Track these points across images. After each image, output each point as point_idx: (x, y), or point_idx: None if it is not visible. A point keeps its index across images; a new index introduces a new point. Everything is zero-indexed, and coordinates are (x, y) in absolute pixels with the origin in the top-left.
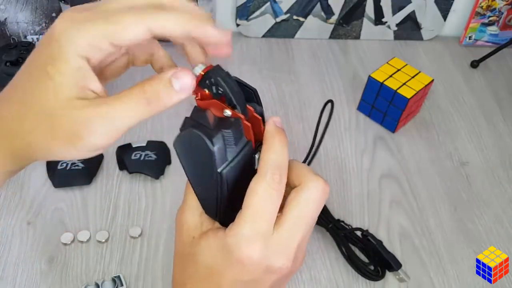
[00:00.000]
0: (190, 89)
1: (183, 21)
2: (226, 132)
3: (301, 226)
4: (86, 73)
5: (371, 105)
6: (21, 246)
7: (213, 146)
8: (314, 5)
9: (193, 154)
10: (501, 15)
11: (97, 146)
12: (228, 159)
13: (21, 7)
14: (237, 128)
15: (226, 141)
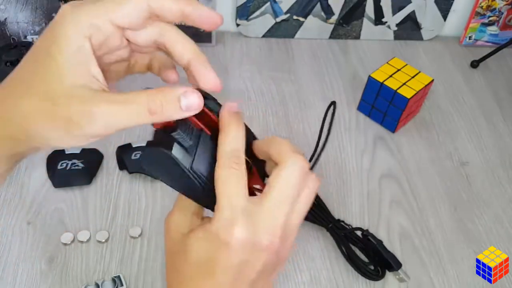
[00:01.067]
0: (195, 110)
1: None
2: (176, 133)
3: (283, 203)
4: (87, 55)
5: (371, 105)
6: (21, 246)
7: (169, 150)
8: (314, 5)
9: (162, 167)
10: (501, 15)
11: (92, 137)
12: (190, 154)
13: (21, 7)
14: (183, 125)
15: (179, 141)
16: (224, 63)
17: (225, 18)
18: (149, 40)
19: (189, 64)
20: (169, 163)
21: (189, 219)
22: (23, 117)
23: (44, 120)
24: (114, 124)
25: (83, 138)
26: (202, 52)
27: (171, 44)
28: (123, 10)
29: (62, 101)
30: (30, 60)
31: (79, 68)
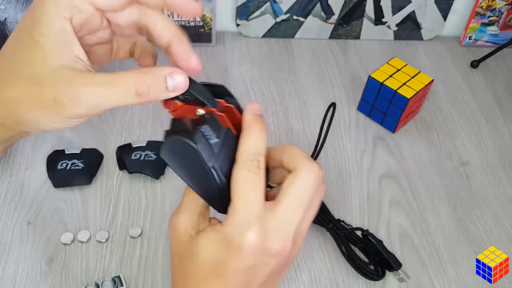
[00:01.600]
0: (181, 90)
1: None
2: (203, 127)
3: (297, 209)
4: (69, 36)
5: (371, 105)
6: (21, 246)
7: (195, 144)
8: (314, 5)
9: (181, 159)
10: (501, 15)
11: (80, 117)
12: (215, 151)
13: (21, 7)
14: (212, 121)
15: (206, 136)
16: (224, 63)
17: (225, 18)
18: (129, 21)
19: (170, 44)
20: (191, 157)
21: (196, 220)
22: (10, 103)
23: (32, 105)
24: (101, 104)
25: (71, 119)
26: (183, 33)
27: (152, 25)
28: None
29: (48, 83)
30: (13, 45)
31: (62, 49)
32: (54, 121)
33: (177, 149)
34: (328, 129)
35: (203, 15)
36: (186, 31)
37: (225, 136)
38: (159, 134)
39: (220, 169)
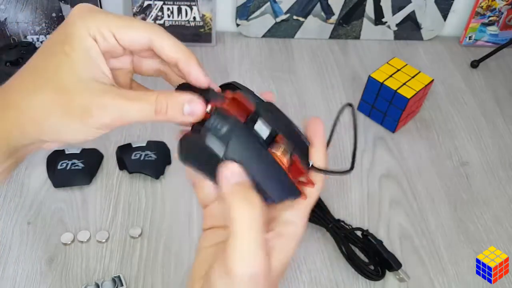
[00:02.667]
0: (197, 117)
1: (180, 49)
2: (208, 122)
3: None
4: (97, 53)
5: (371, 105)
6: (21, 246)
7: (203, 140)
8: (314, 5)
9: (197, 159)
10: (501, 15)
11: (102, 127)
12: (224, 142)
13: (21, 7)
14: (218, 113)
15: (213, 129)
16: (224, 63)
17: (225, 18)
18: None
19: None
20: (204, 153)
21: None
22: (36, 111)
23: (58, 112)
24: (123, 117)
25: (93, 129)
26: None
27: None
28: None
29: (77, 92)
30: (43, 56)
31: (91, 64)
32: (77, 131)
33: (190, 150)
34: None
35: (203, 15)
36: (186, 31)
37: (232, 125)
38: (159, 134)
39: (233, 158)
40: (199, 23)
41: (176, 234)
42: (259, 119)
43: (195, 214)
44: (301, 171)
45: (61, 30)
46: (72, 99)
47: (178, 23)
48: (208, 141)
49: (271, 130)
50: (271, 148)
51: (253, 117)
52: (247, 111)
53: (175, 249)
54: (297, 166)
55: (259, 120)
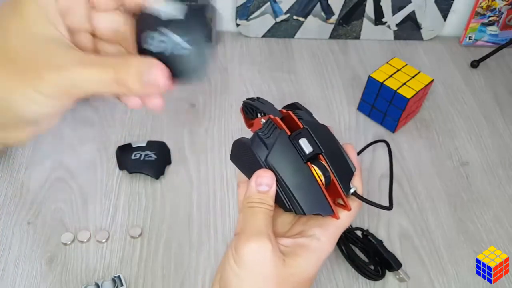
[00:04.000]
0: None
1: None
2: (259, 130)
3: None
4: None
5: (371, 105)
6: (21, 246)
7: (249, 142)
8: (314, 5)
9: (244, 160)
10: (501, 15)
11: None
12: (268, 148)
13: None
14: (268, 125)
15: (260, 136)
16: (224, 63)
17: (225, 18)
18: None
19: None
20: (250, 156)
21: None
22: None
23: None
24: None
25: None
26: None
27: None
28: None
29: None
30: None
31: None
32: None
33: (239, 151)
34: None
35: None
36: None
37: (278, 135)
38: (159, 134)
39: (271, 163)
40: None
41: (176, 234)
42: (305, 136)
43: (195, 214)
44: (339, 193)
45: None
46: (23, 61)
47: None
48: (254, 145)
49: (314, 148)
50: (311, 163)
51: (301, 133)
52: (297, 127)
53: (175, 249)
54: (335, 187)
55: (304, 137)
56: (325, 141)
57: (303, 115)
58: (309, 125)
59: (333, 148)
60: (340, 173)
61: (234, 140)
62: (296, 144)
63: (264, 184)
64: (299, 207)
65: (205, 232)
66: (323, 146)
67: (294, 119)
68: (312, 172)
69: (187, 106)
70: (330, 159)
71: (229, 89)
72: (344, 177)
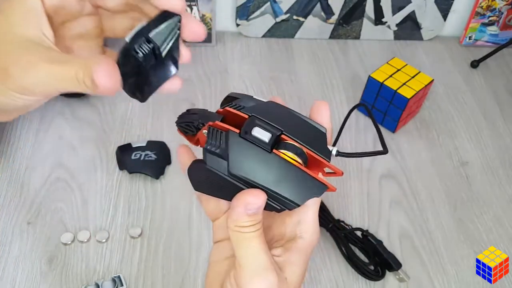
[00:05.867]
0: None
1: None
2: (206, 144)
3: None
4: (38, 13)
5: (371, 105)
6: (21, 246)
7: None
8: (314, 5)
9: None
10: (501, 15)
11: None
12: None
13: None
14: (211, 133)
15: (211, 150)
16: (224, 63)
17: (225, 18)
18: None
19: None
20: (210, 176)
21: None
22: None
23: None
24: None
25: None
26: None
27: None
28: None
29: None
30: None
31: (28, 23)
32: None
33: (198, 178)
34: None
35: (203, 15)
36: None
37: (227, 139)
38: (159, 134)
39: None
40: None
41: (176, 234)
42: (255, 124)
43: (195, 214)
44: (322, 163)
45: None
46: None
47: None
48: (209, 162)
49: (271, 131)
50: (277, 149)
51: (249, 124)
52: (243, 120)
53: (175, 249)
54: (315, 159)
55: (255, 126)
56: (279, 117)
57: (243, 102)
58: (254, 111)
59: (291, 121)
60: (312, 142)
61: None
62: (251, 138)
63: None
64: (290, 202)
65: (205, 232)
66: (279, 124)
67: (235, 113)
68: (283, 158)
69: (187, 106)
70: (294, 133)
71: (229, 89)
72: (318, 143)
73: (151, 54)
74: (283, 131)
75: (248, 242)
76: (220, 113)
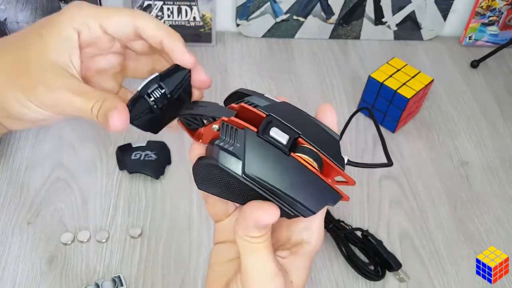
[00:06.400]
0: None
1: (163, 29)
2: (218, 141)
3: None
4: (73, 44)
5: (371, 105)
6: (21, 246)
7: (216, 161)
8: (314, 5)
9: (216, 183)
10: (501, 15)
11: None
12: (240, 158)
13: (21, 7)
14: (225, 130)
15: (224, 148)
16: (224, 63)
17: (225, 18)
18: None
19: (162, 43)
20: (221, 174)
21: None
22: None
23: (9, 77)
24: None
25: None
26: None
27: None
28: (111, 18)
29: (34, 66)
30: (18, 33)
31: (62, 51)
32: (20, 102)
33: (206, 175)
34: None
35: (203, 15)
36: (186, 31)
37: (244, 137)
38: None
39: (252, 174)
40: (199, 23)
41: (176, 234)
42: (273, 124)
43: (195, 214)
44: (336, 171)
45: (47, 17)
46: (27, 71)
47: (178, 23)
48: (222, 160)
49: (289, 133)
50: (294, 152)
51: (267, 123)
52: (259, 119)
53: (175, 249)
54: (330, 166)
55: (273, 126)
56: (295, 119)
57: (256, 100)
58: (270, 110)
59: (307, 124)
60: (328, 148)
61: (193, 164)
62: (269, 139)
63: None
64: (305, 208)
65: (205, 232)
66: (297, 126)
67: (251, 111)
68: (301, 162)
69: None
70: (311, 138)
71: (229, 89)
72: (333, 150)
73: (163, 98)
74: (300, 134)
75: (257, 252)
76: (233, 109)
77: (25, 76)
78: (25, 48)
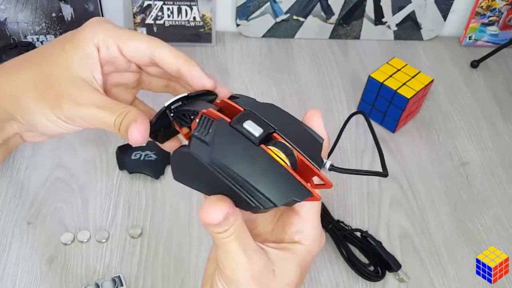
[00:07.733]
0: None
1: (180, 56)
2: (194, 130)
3: None
4: (94, 60)
5: (371, 105)
6: (21, 246)
7: (188, 148)
8: (314, 5)
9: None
10: (501, 15)
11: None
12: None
13: (21, 7)
14: (203, 121)
15: (198, 136)
16: (224, 63)
17: (225, 18)
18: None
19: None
20: (193, 163)
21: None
22: (18, 87)
23: (35, 92)
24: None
25: (59, 120)
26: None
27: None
28: (130, 42)
29: (59, 81)
30: (41, 48)
31: (85, 66)
32: (46, 117)
33: (181, 165)
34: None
35: (203, 15)
36: (186, 31)
37: (216, 126)
38: None
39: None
40: (199, 23)
41: (176, 234)
42: (249, 118)
43: (195, 214)
44: (311, 171)
45: (69, 33)
46: (52, 86)
47: (178, 23)
48: (193, 148)
49: (264, 127)
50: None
51: (242, 115)
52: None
53: (175, 249)
54: (306, 165)
55: (249, 119)
56: (275, 117)
57: (243, 100)
58: (251, 107)
59: (288, 123)
60: (306, 148)
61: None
62: (241, 129)
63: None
64: (267, 199)
65: (205, 232)
66: (275, 123)
67: (233, 106)
68: (269, 154)
69: None
70: (288, 135)
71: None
72: (312, 150)
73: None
74: (276, 130)
75: (225, 246)
76: (217, 104)
77: (51, 91)
78: (50, 63)
